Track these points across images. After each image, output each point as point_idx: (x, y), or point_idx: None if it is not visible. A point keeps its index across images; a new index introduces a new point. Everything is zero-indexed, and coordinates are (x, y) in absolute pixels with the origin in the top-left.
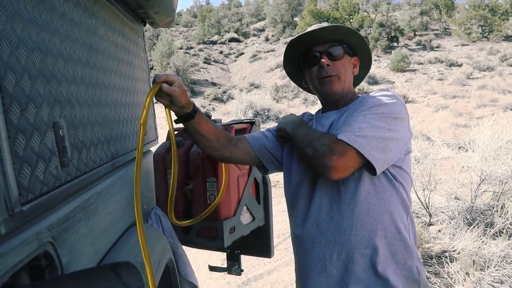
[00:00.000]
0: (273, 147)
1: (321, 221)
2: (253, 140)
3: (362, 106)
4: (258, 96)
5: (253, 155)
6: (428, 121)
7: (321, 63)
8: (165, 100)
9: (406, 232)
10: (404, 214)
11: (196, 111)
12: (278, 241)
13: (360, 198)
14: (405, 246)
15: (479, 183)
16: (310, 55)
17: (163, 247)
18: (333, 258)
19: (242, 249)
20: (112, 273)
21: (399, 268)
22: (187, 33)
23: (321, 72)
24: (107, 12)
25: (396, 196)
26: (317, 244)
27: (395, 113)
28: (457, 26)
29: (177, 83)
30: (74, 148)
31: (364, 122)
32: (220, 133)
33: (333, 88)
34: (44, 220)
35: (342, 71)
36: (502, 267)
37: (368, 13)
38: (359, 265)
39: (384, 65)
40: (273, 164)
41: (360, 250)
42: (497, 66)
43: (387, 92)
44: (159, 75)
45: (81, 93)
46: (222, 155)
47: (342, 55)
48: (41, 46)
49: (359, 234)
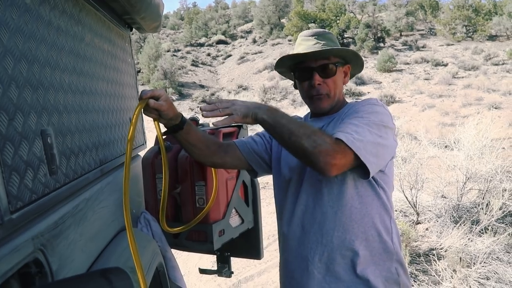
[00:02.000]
0: (261, 151)
1: (305, 222)
2: (242, 145)
3: (354, 113)
4: (247, 98)
5: (243, 160)
6: (415, 120)
7: (312, 82)
8: (153, 115)
9: (388, 235)
10: (387, 217)
11: (185, 122)
12: (268, 242)
13: (343, 201)
14: (385, 248)
15: (465, 182)
16: (302, 69)
17: (153, 251)
18: (315, 259)
19: (232, 252)
20: (103, 279)
21: (379, 269)
22: (174, 36)
23: (311, 90)
24: (94, 18)
25: (377, 200)
26: (301, 245)
27: (384, 122)
28: (442, 26)
29: (163, 97)
30: (62, 155)
31: (359, 127)
32: (209, 141)
33: (322, 106)
34: (34, 227)
35: (332, 89)
36: (488, 263)
37: (355, 14)
38: (340, 266)
39: (371, 66)
40: (262, 167)
41: (342, 252)
42: (482, 65)
43: (377, 102)
44: (145, 91)
45: (69, 100)
46: (213, 162)
47: (334, 72)
48: (28, 55)
49: (341, 236)
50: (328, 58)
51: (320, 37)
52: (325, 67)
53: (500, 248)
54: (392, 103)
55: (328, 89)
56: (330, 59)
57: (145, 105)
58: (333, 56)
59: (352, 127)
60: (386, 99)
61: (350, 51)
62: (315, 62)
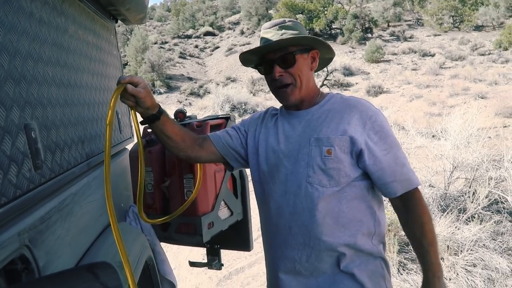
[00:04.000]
0: (236, 145)
1: (293, 224)
2: (216, 139)
3: (378, 141)
4: (235, 90)
5: (217, 154)
6: (403, 110)
7: (273, 74)
8: (130, 102)
9: (369, 236)
10: (371, 220)
11: (162, 113)
12: (258, 234)
13: (331, 206)
14: (370, 248)
15: (452, 171)
16: (264, 62)
17: (142, 245)
18: (302, 259)
19: (222, 244)
20: (90, 274)
21: (364, 264)
22: (161, 28)
23: (274, 82)
24: (77, 10)
25: (364, 203)
26: (288, 245)
27: (393, 133)
28: (429, 16)
29: (142, 85)
30: (47, 150)
31: (398, 158)
32: (185, 134)
33: (289, 97)
34: (19, 223)
35: (297, 77)
36: (475, 250)
37: (342, 5)
38: (327, 264)
39: (359, 56)
40: (237, 162)
41: (329, 253)
42: (468, 55)
43: (378, 112)
44: (124, 76)
45: (53, 93)
46: (188, 155)
47: (294, 61)
48: (9, 48)
49: (328, 240)
50: (286, 48)
51: (280, 28)
52: (284, 57)
53: (486, 236)
54: (380, 93)
55: (292, 79)
56: (289, 48)
57: (123, 91)
58: (292, 45)
59: (395, 167)
60: (374, 90)
61: (306, 37)
62: (273, 54)
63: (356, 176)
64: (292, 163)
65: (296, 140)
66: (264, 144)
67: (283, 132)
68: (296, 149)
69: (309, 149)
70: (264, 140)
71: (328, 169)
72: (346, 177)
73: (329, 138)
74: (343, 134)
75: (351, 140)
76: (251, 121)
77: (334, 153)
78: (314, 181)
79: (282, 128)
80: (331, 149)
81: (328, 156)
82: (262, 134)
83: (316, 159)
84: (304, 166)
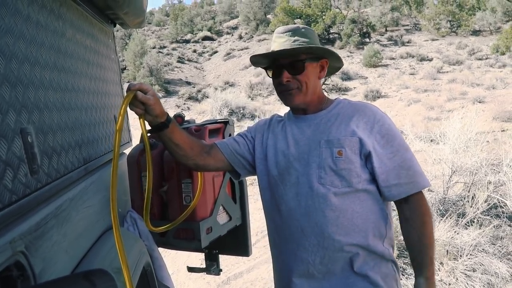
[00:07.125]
0: (244, 151)
1: (305, 226)
2: (224, 146)
3: (385, 145)
4: (233, 94)
5: (225, 162)
6: (401, 115)
7: (281, 78)
8: (139, 109)
9: (381, 238)
10: (383, 223)
11: (170, 121)
12: (257, 239)
13: (345, 206)
14: (383, 250)
15: (451, 175)
16: (274, 66)
17: (140, 251)
18: (316, 261)
19: (220, 249)
20: (86, 281)
21: (378, 266)
22: (159, 32)
23: (281, 86)
24: (75, 13)
25: (377, 205)
26: (301, 247)
27: (400, 135)
28: (426, 21)
29: (151, 92)
30: (44, 154)
31: (404, 161)
32: (193, 142)
33: (293, 101)
34: (15, 229)
35: (303, 83)
36: (474, 255)
37: (340, 10)
38: (340, 265)
39: (357, 61)
40: (245, 169)
41: (343, 254)
42: (466, 60)
43: (385, 116)
44: (133, 84)
45: (50, 97)
46: (196, 164)
47: (303, 69)
48: (5, 51)
49: (342, 240)
50: (297, 55)
51: (293, 34)
52: (294, 64)
53: (486, 240)
54: (378, 98)
55: (298, 84)
56: (300, 56)
57: (132, 98)
58: (303, 53)
59: (401, 170)
60: (372, 94)
61: (317, 48)
62: (284, 60)
63: (367, 177)
64: (303, 166)
65: (306, 143)
66: (272, 149)
67: (292, 136)
68: (306, 151)
69: (319, 151)
70: (272, 145)
71: (340, 170)
72: (357, 177)
73: (339, 139)
74: (353, 135)
75: (360, 141)
76: (257, 127)
77: (345, 154)
78: (326, 182)
79: (291, 132)
80: (342, 150)
81: (339, 157)
82: (270, 140)
83: (327, 160)
84: (316, 167)
